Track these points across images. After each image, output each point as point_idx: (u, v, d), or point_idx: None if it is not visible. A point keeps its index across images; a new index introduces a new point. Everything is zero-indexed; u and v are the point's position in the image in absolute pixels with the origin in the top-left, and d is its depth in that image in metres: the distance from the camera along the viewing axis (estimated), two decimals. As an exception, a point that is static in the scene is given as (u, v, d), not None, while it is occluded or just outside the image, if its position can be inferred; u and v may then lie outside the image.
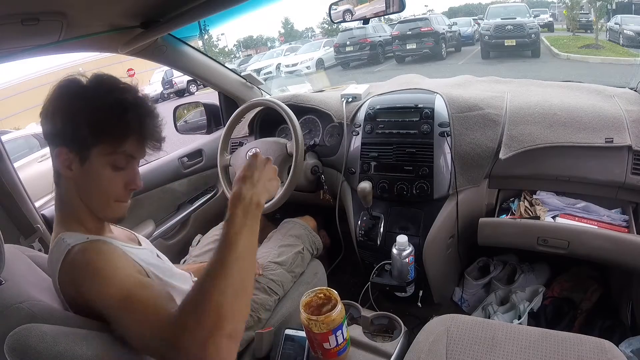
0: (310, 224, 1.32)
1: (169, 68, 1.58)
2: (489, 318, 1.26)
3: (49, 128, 0.67)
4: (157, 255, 0.85)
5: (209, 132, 1.77)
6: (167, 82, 12.38)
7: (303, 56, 11.85)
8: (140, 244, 0.83)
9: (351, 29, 10.82)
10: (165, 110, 0.86)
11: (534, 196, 1.15)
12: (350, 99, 1.41)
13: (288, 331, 0.93)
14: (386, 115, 1.28)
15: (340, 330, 0.83)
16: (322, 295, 0.87)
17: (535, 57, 7.88)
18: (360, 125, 1.32)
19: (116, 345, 0.56)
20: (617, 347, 0.75)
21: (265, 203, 0.72)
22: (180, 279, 0.83)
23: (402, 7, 1.03)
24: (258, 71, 10.74)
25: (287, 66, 11.55)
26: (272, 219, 1.55)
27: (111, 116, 0.65)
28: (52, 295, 0.65)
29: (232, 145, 1.58)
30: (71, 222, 0.69)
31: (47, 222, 1.18)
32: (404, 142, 1.23)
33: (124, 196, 0.71)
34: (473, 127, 1.17)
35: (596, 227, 1.03)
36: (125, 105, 0.66)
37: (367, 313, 1.05)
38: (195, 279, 0.94)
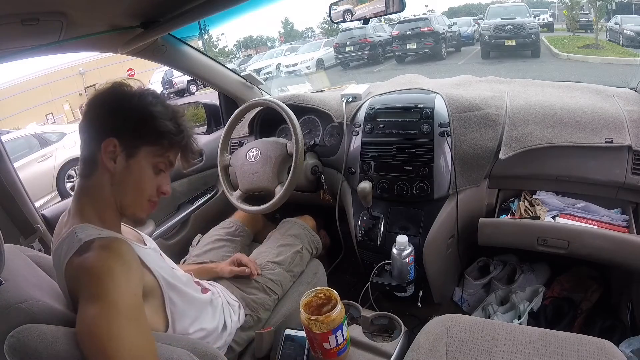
0: (309, 223, 1.32)
1: (169, 68, 1.58)
2: (489, 318, 1.26)
3: (102, 117, 0.69)
4: (160, 255, 0.85)
5: (209, 132, 1.77)
6: (167, 82, 12.38)
7: (303, 56, 11.84)
8: (145, 244, 0.83)
9: (351, 29, 10.81)
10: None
11: (534, 196, 1.15)
12: (350, 99, 1.41)
13: (288, 331, 0.94)
14: (386, 115, 1.28)
15: (340, 330, 0.84)
16: (322, 295, 0.87)
17: (535, 57, 7.87)
18: (360, 125, 1.32)
19: None
20: (617, 347, 0.75)
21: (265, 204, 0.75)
22: (183, 281, 0.82)
23: (402, 7, 1.03)
24: (258, 71, 10.73)
25: (287, 66, 11.54)
26: (272, 219, 1.56)
27: (172, 125, 0.73)
28: (52, 295, 0.65)
29: (232, 145, 1.58)
30: (88, 214, 0.69)
31: (47, 222, 1.18)
32: (404, 142, 1.23)
33: (155, 198, 0.75)
34: (473, 127, 1.17)
35: (596, 227, 1.03)
36: (181, 123, 0.75)
37: (367, 313, 1.05)
38: (196, 279, 0.94)
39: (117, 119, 0.69)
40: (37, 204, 1.19)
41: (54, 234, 0.76)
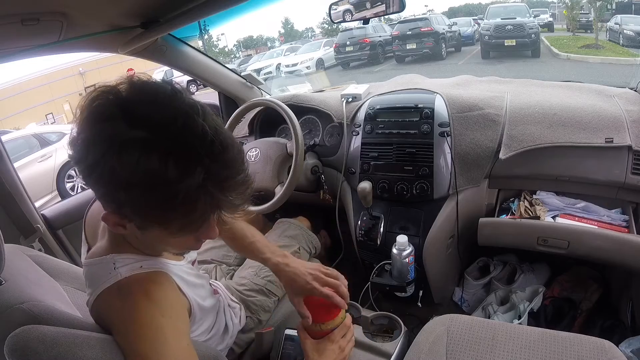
0: (304, 224, 1.32)
1: (169, 68, 1.57)
2: (489, 318, 1.26)
3: (88, 178, 0.49)
4: (192, 265, 0.81)
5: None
6: (167, 83, 12.36)
7: (303, 56, 11.84)
8: (183, 256, 0.76)
9: (351, 29, 10.82)
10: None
11: (534, 196, 1.15)
12: (350, 99, 1.41)
13: (288, 331, 0.93)
14: (386, 115, 1.28)
15: None
16: None
17: (535, 57, 7.87)
18: (360, 125, 1.32)
19: (118, 349, 0.55)
20: (617, 347, 0.75)
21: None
22: (207, 295, 0.79)
23: (402, 7, 1.03)
24: (258, 71, 10.73)
25: (287, 66, 11.55)
26: (272, 218, 1.56)
27: (176, 211, 0.49)
28: (53, 295, 0.65)
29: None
30: (124, 245, 0.61)
31: (47, 222, 1.18)
32: (404, 142, 1.23)
33: (197, 244, 0.61)
34: (473, 127, 1.17)
35: (596, 227, 1.03)
36: (197, 191, 0.48)
37: (367, 313, 1.05)
38: (211, 280, 0.93)
39: (101, 191, 0.50)
40: (37, 204, 1.19)
41: (87, 227, 0.71)
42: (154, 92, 0.50)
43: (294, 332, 0.92)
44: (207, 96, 2.19)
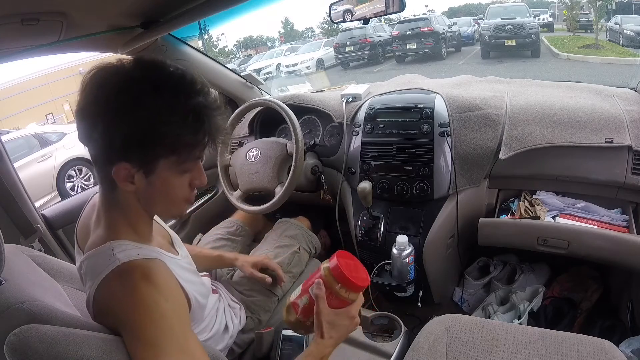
0: (304, 224, 1.32)
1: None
2: (489, 318, 1.26)
3: (103, 135, 0.57)
4: (190, 264, 0.81)
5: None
6: (167, 83, 12.32)
7: (303, 56, 11.83)
8: (177, 252, 0.77)
9: (351, 29, 10.81)
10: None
11: (534, 196, 1.15)
12: (350, 99, 1.41)
13: (284, 332, 0.93)
14: (386, 115, 1.28)
15: None
16: None
17: (535, 57, 7.87)
18: (360, 125, 1.32)
19: (118, 348, 0.55)
20: (617, 347, 0.75)
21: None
22: (207, 292, 0.80)
23: (402, 7, 1.03)
24: (258, 71, 10.72)
25: (287, 66, 11.53)
26: (273, 219, 1.56)
27: (187, 129, 0.59)
28: (53, 295, 0.65)
29: (232, 145, 1.58)
30: (122, 228, 0.64)
31: (47, 222, 1.18)
32: (404, 142, 1.23)
33: (190, 195, 0.68)
34: (473, 127, 1.17)
35: (596, 227, 1.03)
36: (200, 113, 0.60)
37: (367, 313, 1.05)
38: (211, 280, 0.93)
39: (121, 136, 0.56)
40: (37, 204, 1.19)
41: (78, 234, 0.72)
42: (149, 59, 0.62)
43: (291, 333, 0.92)
44: (207, 96, 2.18)
